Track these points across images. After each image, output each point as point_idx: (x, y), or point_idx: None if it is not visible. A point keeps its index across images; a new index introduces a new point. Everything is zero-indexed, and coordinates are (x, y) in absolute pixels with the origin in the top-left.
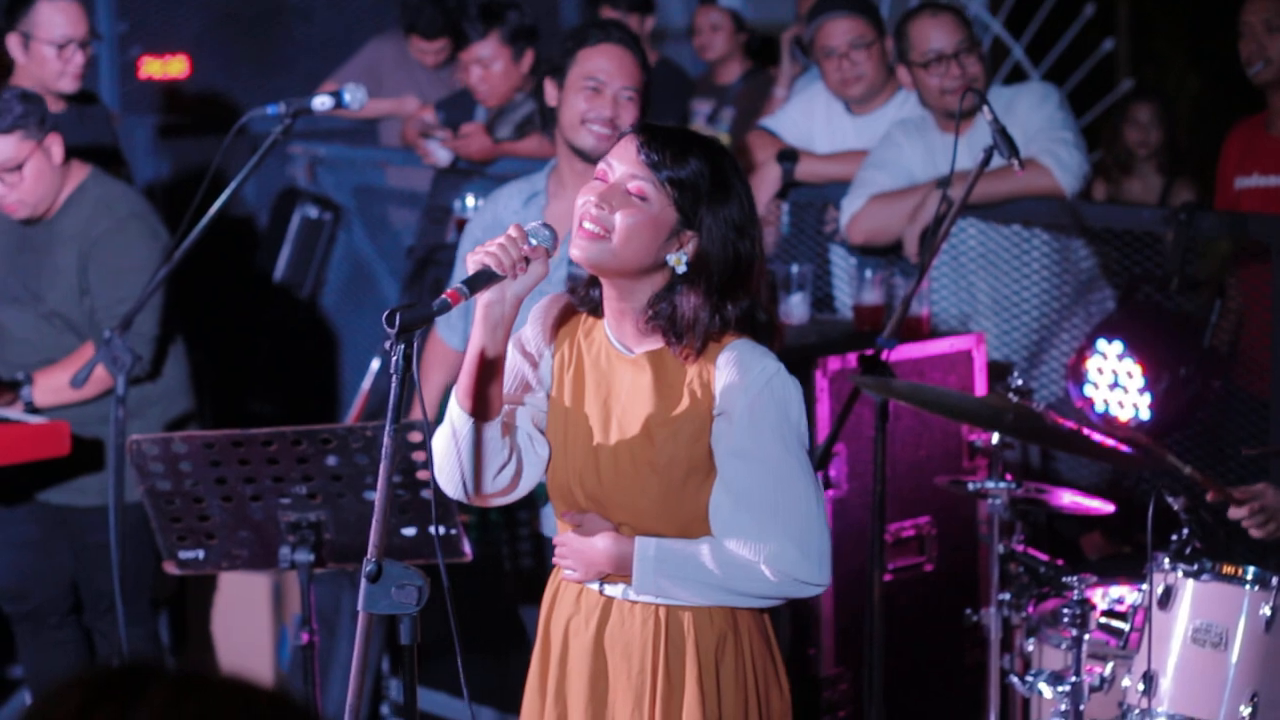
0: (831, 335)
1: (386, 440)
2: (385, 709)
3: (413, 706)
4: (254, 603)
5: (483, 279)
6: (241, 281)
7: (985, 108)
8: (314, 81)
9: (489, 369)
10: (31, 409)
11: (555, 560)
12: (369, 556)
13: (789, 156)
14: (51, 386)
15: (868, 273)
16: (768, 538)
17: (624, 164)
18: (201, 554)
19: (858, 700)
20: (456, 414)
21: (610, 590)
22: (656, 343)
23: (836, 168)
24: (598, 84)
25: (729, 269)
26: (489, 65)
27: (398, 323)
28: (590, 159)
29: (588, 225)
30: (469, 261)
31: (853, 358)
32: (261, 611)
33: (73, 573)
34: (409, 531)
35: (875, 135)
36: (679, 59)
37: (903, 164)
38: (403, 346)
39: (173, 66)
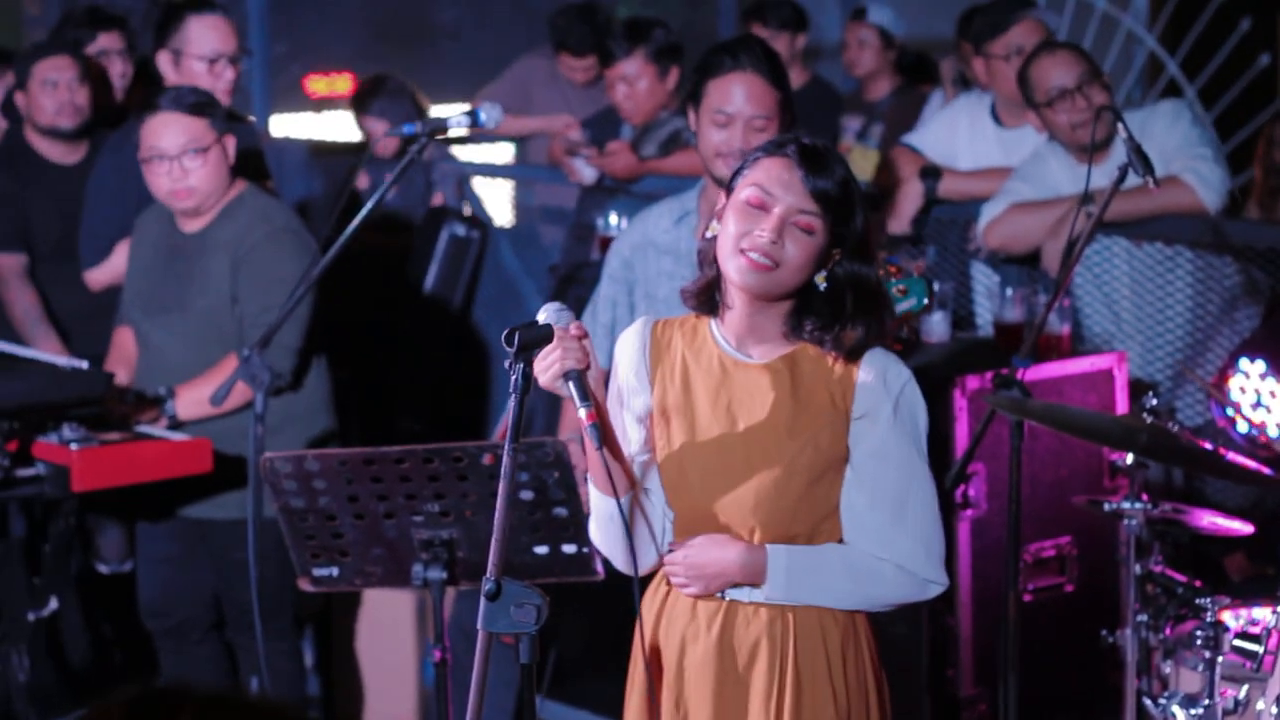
0: (972, 353)
1: (506, 459)
2: None
3: None
4: (398, 620)
5: (580, 382)
6: (391, 300)
7: (1120, 125)
8: (464, 99)
9: (613, 446)
10: (174, 423)
11: (669, 576)
12: (488, 575)
13: (932, 173)
14: (194, 400)
15: (1009, 290)
16: (899, 537)
17: (789, 195)
18: (335, 571)
19: None
20: (596, 499)
21: (734, 594)
22: (784, 348)
23: (979, 184)
24: (727, 117)
25: (865, 275)
26: (634, 83)
27: (517, 342)
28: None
29: (758, 258)
30: (547, 384)
31: (991, 377)
32: (405, 629)
33: (215, 588)
34: (541, 550)
35: (1019, 152)
36: (833, 75)
37: (1049, 180)
38: (522, 365)
39: (339, 84)
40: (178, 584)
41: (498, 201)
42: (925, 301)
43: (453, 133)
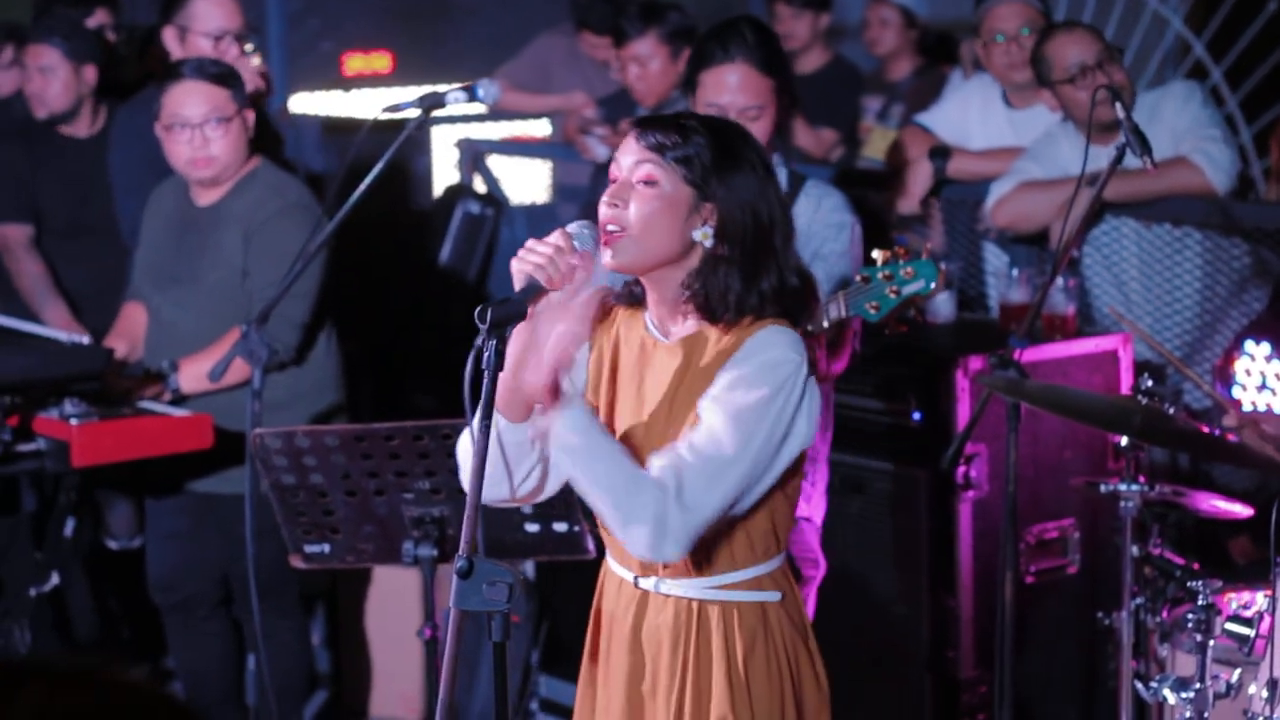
0: (976, 334)
1: (479, 436)
2: (534, 705)
3: (503, 703)
4: (405, 597)
5: (531, 293)
6: (406, 276)
7: (1118, 105)
8: (485, 76)
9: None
10: (178, 397)
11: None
12: (460, 553)
13: (941, 153)
14: (197, 374)
15: (1015, 270)
16: (672, 463)
17: (628, 156)
18: (327, 548)
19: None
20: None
21: (644, 584)
22: (694, 327)
23: (990, 164)
24: (719, 109)
25: (753, 235)
26: (646, 64)
27: (489, 318)
28: None
29: (609, 228)
30: (514, 271)
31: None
32: (412, 605)
33: (222, 564)
34: (532, 528)
35: (1031, 132)
36: (854, 55)
37: (1059, 160)
38: (495, 342)
39: (377, 62)
40: (185, 559)
41: (529, 178)
42: (933, 285)
43: (450, 109)
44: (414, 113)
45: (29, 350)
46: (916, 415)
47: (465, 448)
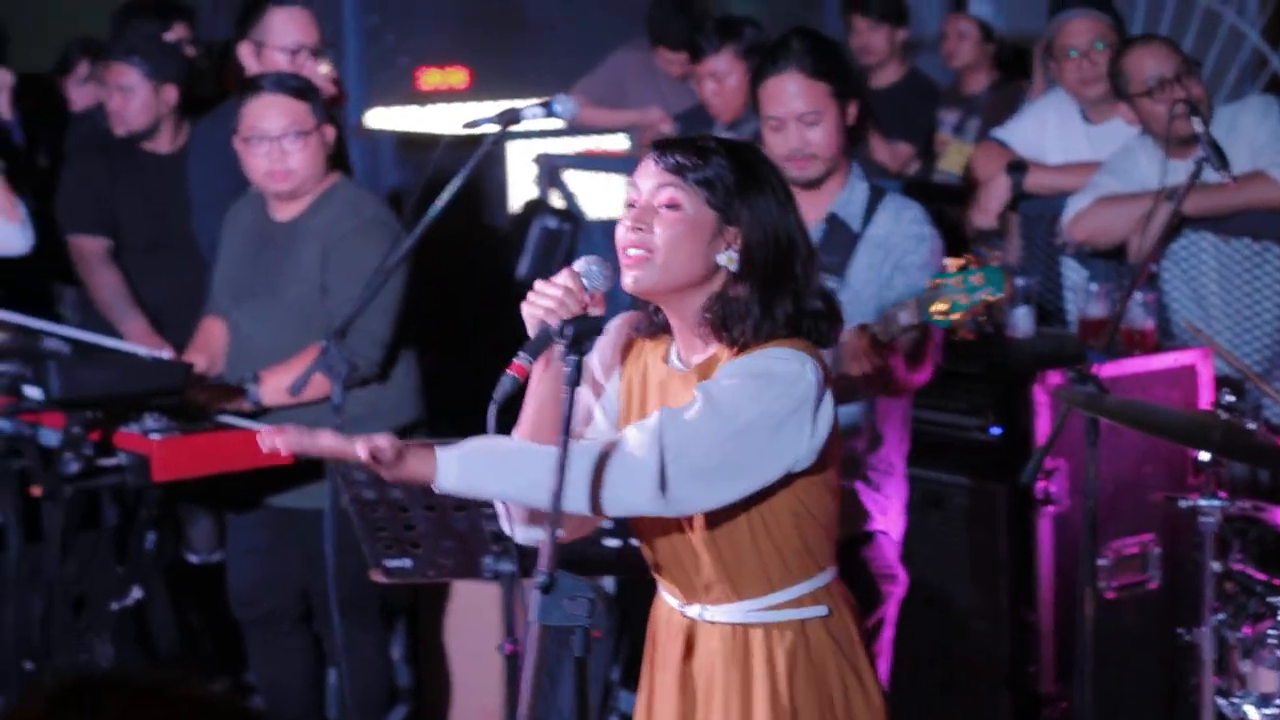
0: (1056, 349)
1: (560, 452)
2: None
3: (585, 718)
4: (486, 612)
5: (545, 341)
6: (483, 290)
7: (1195, 120)
8: (561, 91)
9: (550, 410)
10: (258, 410)
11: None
12: (541, 568)
13: (1018, 168)
14: (278, 387)
15: (1094, 285)
16: (649, 441)
17: (648, 180)
18: (408, 563)
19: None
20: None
21: (690, 611)
22: (708, 352)
23: (1067, 179)
24: (778, 120)
25: (774, 259)
26: (723, 79)
27: (569, 335)
28: (805, 186)
29: (631, 252)
30: (525, 316)
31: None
32: (492, 621)
33: (303, 579)
34: (612, 543)
35: (1108, 146)
36: (931, 69)
37: (1137, 174)
38: (575, 358)
39: (453, 77)
40: (267, 574)
41: (606, 193)
42: (1002, 292)
43: (526, 124)
44: (492, 128)
45: (110, 365)
46: (995, 430)
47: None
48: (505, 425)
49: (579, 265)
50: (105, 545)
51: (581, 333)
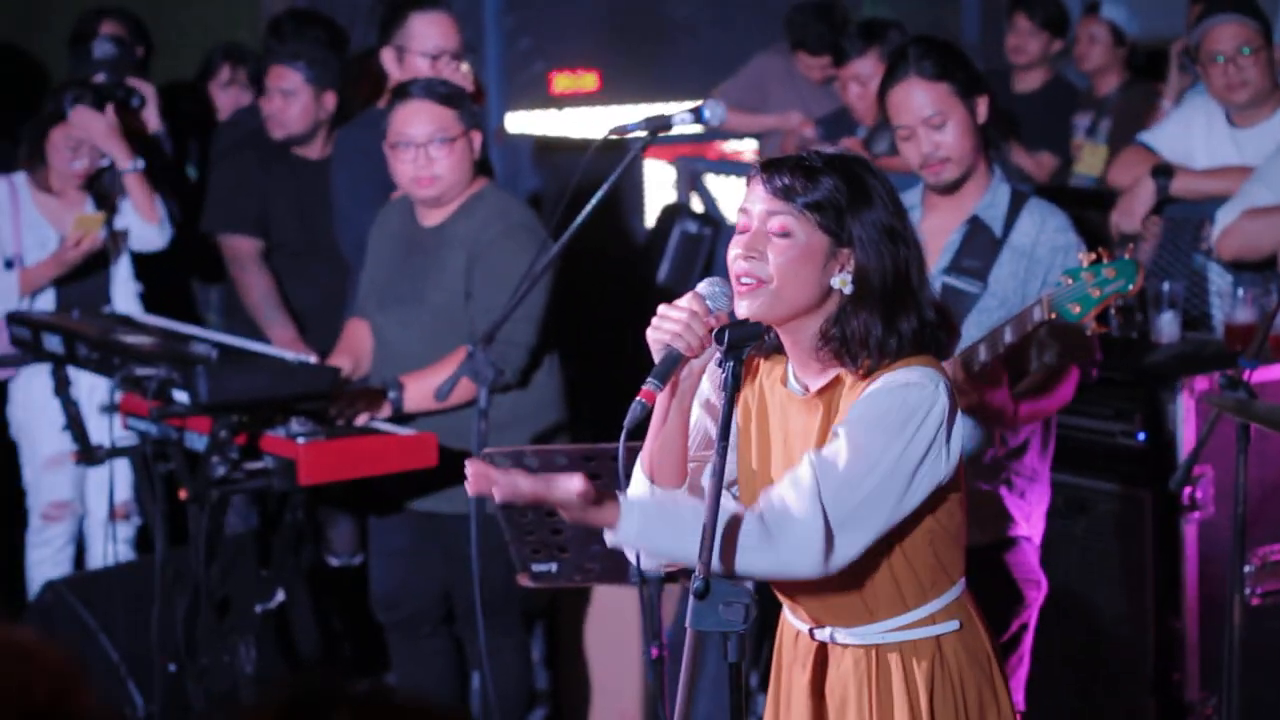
0: (1202, 354)
1: (716, 458)
2: None
3: None
4: (625, 616)
5: (671, 365)
6: (623, 295)
7: None
8: (701, 95)
9: (675, 436)
10: (401, 415)
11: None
12: (696, 574)
13: (1164, 172)
14: (422, 393)
15: (1240, 290)
16: (802, 501)
17: (758, 204)
18: (555, 567)
19: None
20: (644, 484)
21: (820, 635)
22: (827, 376)
23: (1213, 184)
24: (906, 130)
25: (892, 276)
26: (867, 83)
27: (726, 339)
28: (945, 190)
29: (744, 280)
30: (650, 341)
31: (1218, 378)
32: (631, 625)
33: (445, 582)
34: None
35: (1256, 151)
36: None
37: None
38: (732, 363)
39: (584, 81)
40: (409, 577)
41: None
42: (1133, 285)
43: (676, 129)
44: (640, 134)
45: (256, 369)
46: (1141, 436)
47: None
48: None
49: (703, 288)
50: (249, 548)
51: (740, 338)
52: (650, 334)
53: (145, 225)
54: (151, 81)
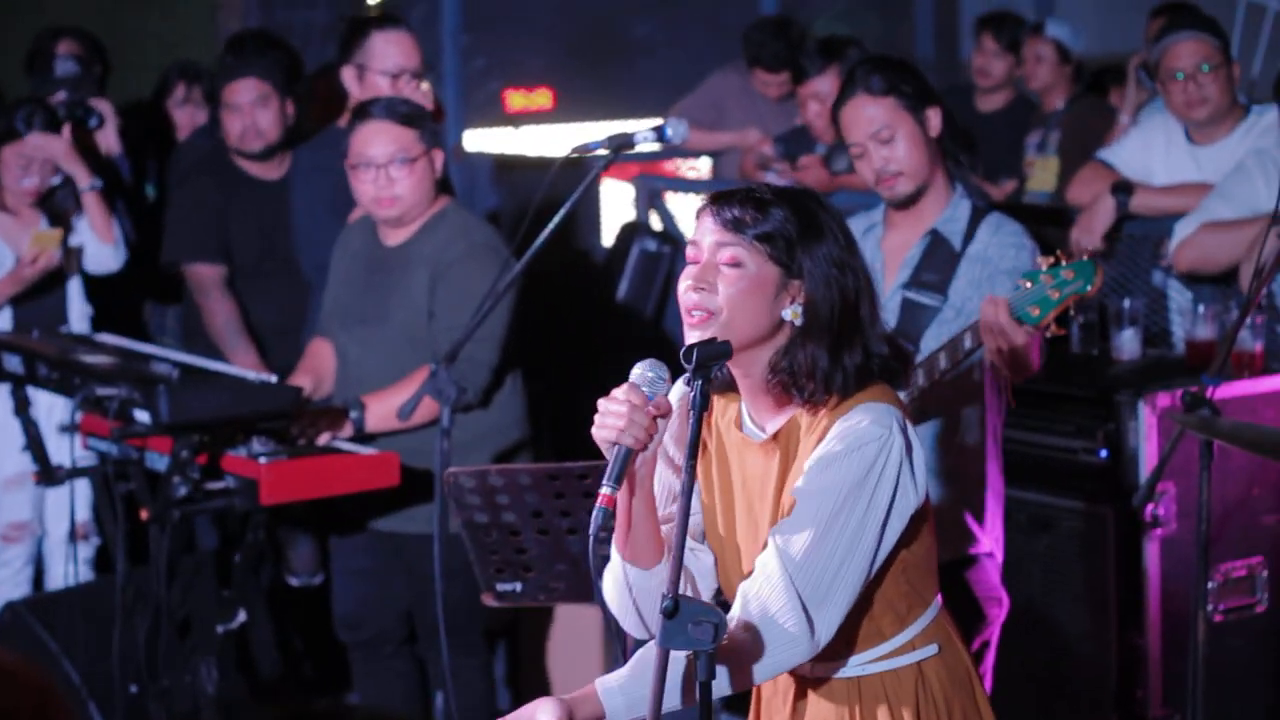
0: (1163, 371)
1: (685, 477)
2: None
3: None
4: (588, 635)
5: (624, 463)
6: (582, 313)
7: None
8: (658, 113)
9: (644, 521)
10: (363, 435)
11: None
12: (665, 593)
13: (1124, 188)
14: (384, 413)
15: (1201, 307)
16: (787, 599)
17: (708, 236)
18: (519, 586)
19: None
20: (621, 567)
21: (800, 670)
22: (782, 416)
23: (1173, 200)
24: (858, 147)
25: (840, 309)
26: (826, 100)
27: (695, 358)
28: (902, 205)
29: (694, 313)
30: (597, 440)
31: (1181, 395)
32: (593, 643)
33: (408, 603)
34: None
35: (1216, 168)
36: None
37: (1249, 198)
38: (700, 382)
39: (538, 98)
40: (372, 597)
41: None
42: (1092, 285)
43: (639, 148)
44: (602, 152)
45: (218, 389)
46: (1103, 453)
47: (613, 593)
48: None
49: (635, 375)
50: (208, 568)
51: (708, 356)
52: (595, 433)
53: (101, 246)
54: (110, 100)
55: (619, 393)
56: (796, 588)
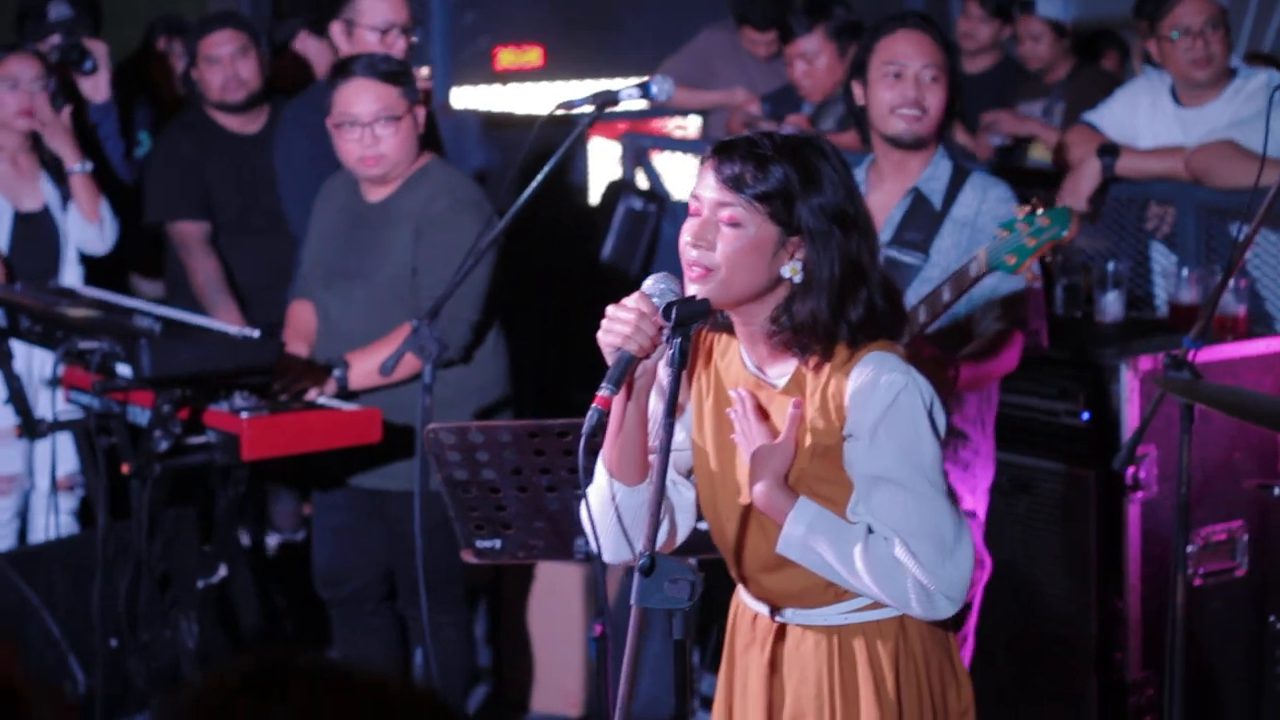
0: (1146, 334)
1: (663, 434)
2: (696, 703)
3: (684, 700)
4: (568, 593)
5: (625, 367)
6: (567, 271)
7: None
8: (647, 72)
9: (635, 435)
10: (345, 392)
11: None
12: (641, 550)
13: (1110, 151)
14: (365, 370)
15: (1184, 271)
16: (904, 561)
17: (709, 193)
18: (498, 543)
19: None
20: (607, 481)
21: (780, 617)
22: (791, 364)
23: (1158, 163)
24: (899, 69)
25: (841, 263)
26: (813, 60)
27: (675, 315)
28: (905, 145)
29: (694, 269)
30: (601, 344)
31: (1163, 358)
32: (575, 602)
33: (388, 560)
34: (704, 526)
35: (1202, 131)
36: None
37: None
38: (679, 340)
39: (529, 56)
40: (352, 554)
41: (692, 174)
42: (1068, 231)
43: (623, 106)
44: (587, 109)
45: (200, 343)
46: (1085, 415)
47: (598, 512)
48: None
49: (649, 286)
50: (190, 523)
51: (688, 314)
52: (601, 337)
53: (87, 227)
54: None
55: (629, 300)
56: (918, 557)
